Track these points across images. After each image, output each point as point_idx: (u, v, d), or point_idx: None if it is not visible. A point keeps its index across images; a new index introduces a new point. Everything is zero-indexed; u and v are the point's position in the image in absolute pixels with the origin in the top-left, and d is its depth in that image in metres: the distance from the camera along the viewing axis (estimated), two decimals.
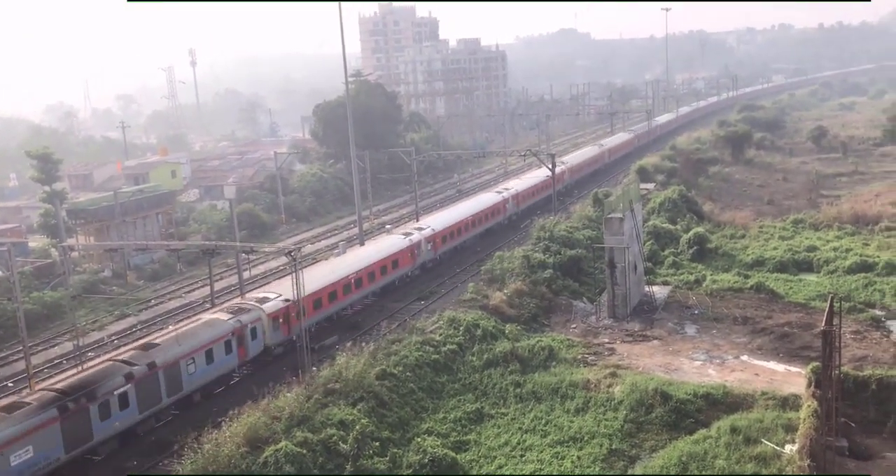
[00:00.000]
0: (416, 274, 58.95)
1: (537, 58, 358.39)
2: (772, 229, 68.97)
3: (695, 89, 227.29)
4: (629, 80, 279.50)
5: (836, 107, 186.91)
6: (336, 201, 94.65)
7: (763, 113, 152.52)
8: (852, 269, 55.15)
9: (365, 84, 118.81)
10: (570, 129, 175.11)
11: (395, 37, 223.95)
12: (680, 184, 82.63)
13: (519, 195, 77.04)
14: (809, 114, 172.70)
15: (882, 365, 38.53)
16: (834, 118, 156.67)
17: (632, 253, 50.49)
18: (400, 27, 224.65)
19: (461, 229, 65.85)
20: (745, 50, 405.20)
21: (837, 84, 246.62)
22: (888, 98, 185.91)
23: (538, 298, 51.73)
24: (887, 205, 72.40)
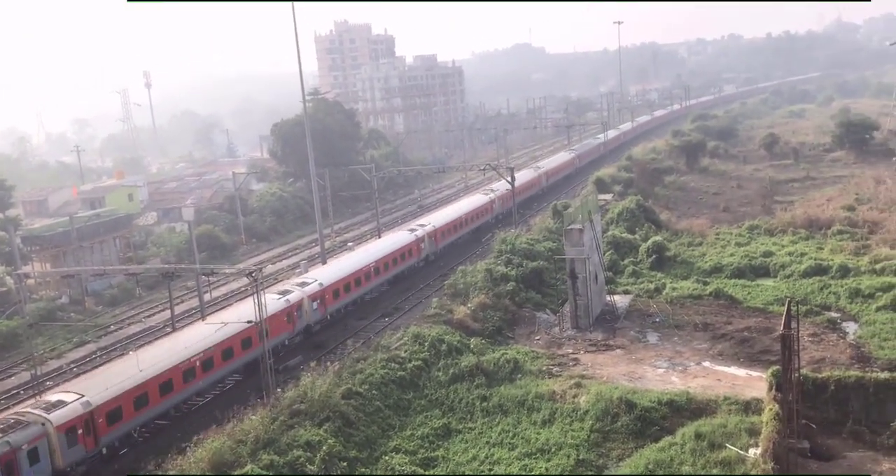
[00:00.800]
0: None
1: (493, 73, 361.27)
2: (728, 236, 69.93)
3: (648, 100, 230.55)
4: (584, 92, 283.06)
5: (786, 114, 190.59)
6: (297, 220, 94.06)
7: (716, 122, 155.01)
8: (807, 272, 56.12)
9: (323, 102, 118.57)
10: (529, 143, 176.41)
11: (351, 55, 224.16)
12: (637, 194, 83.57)
13: (438, 231, 68.74)
14: (761, 122, 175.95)
15: (839, 366, 39.23)
16: (785, 125, 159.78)
17: (592, 263, 50.86)
18: (356, 45, 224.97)
19: (359, 279, 56.02)
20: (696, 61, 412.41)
21: (787, 92, 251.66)
22: (836, 104, 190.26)
23: (502, 311, 51.81)
24: (839, 209, 73.81)
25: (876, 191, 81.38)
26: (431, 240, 67.21)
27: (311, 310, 49.49)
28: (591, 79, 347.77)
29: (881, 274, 53.89)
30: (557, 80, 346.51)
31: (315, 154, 72.36)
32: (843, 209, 73.38)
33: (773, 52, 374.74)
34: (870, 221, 68.40)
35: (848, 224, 68.45)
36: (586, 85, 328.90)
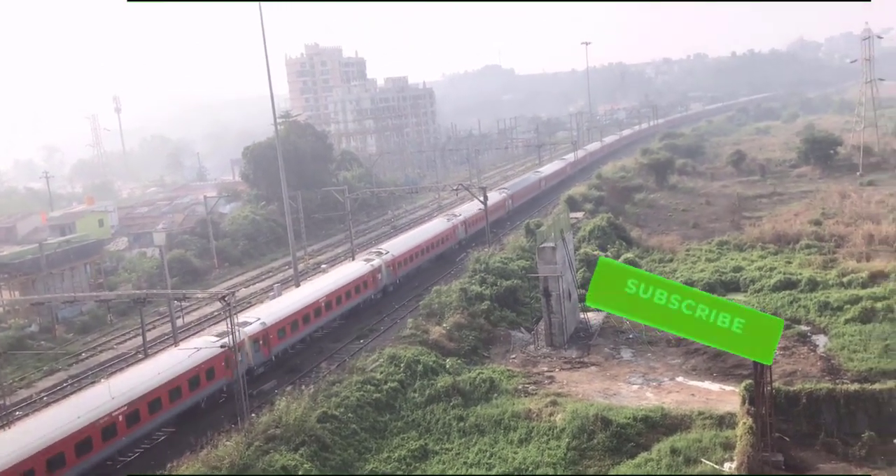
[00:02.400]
0: None
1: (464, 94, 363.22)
2: (698, 252, 70.57)
3: (617, 119, 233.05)
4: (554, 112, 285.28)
5: (752, 131, 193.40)
6: (270, 243, 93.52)
7: (684, 140, 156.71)
8: (777, 287, 56.72)
9: (295, 125, 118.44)
10: (500, 162, 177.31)
11: (322, 77, 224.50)
12: (608, 211, 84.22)
13: (396, 260, 65.37)
14: (728, 139, 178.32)
15: (810, 379, 39.63)
16: (751, 142, 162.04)
17: (565, 281, 51.04)
18: (327, 68, 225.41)
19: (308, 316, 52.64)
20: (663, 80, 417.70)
21: (752, 109, 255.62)
22: (800, 121, 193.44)
23: (477, 330, 51.76)
24: (806, 223, 74.82)
25: (841, 205, 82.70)
26: (390, 269, 63.81)
27: (254, 352, 45.41)
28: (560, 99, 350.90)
29: (848, 287, 54.62)
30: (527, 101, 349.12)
31: (287, 176, 72.11)
32: (810, 224, 74.42)
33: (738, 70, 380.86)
34: (836, 235, 69.43)
35: (815, 238, 69.44)
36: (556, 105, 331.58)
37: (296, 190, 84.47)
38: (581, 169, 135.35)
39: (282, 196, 70.46)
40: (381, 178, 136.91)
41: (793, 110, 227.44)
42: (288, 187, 70.57)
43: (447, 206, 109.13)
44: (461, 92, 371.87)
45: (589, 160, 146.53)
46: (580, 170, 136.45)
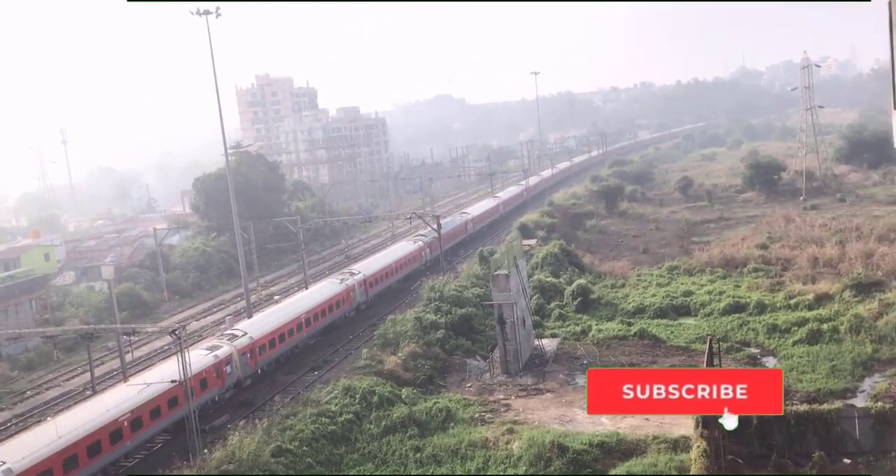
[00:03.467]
0: None
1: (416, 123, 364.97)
2: (649, 277, 71.54)
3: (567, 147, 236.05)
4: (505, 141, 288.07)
5: (698, 158, 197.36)
6: (221, 275, 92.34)
7: (632, 166, 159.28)
8: (727, 310, 57.69)
9: (245, 155, 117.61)
10: (453, 191, 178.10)
11: (273, 107, 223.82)
12: (560, 238, 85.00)
13: (368, 280, 68.04)
14: (675, 165, 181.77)
15: None
16: (698, 168, 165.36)
17: (520, 308, 51.27)
18: (278, 98, 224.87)
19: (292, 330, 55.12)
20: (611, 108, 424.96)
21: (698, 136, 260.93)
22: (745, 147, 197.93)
23: (433, 359, 51.60)
24: (753, 247, 76.30)
25: (786, 229, 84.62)
26: (363, 288, 66.69)
27: (243, 364, 48.53)
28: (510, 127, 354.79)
29: (795, 309, 55.84)
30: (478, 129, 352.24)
31: (239, 207, 71.51)
32: (757, 247, 75.97)
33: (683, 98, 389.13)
34: (782, 258, 70.99)
35: (762, 262, 70.91)
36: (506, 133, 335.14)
37: (247, 221, 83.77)
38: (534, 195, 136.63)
39: (233, 227, 69.78)
40: (335, 207, 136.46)
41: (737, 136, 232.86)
42: (239, 218, 69.93)
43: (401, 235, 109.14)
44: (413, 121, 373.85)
45: (543, 186, 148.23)
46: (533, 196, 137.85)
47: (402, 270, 76.33)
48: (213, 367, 45.64)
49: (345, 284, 64.28)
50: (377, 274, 70.49)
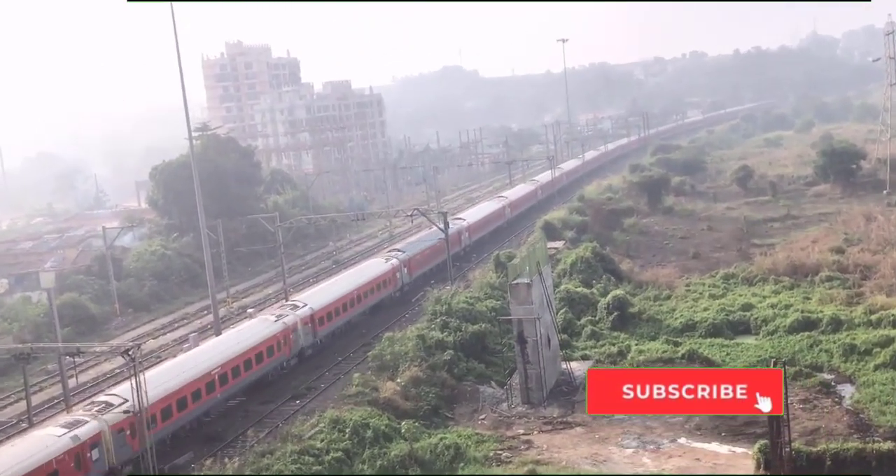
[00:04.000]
0: None
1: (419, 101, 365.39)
2: (700, 287, 71.39)
3: (601, 130, 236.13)
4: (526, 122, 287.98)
5: (760, 143, 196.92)
6: (184, 283, 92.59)
7: (680, 154, 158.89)
8: (794, 327, 57.50)
9: (213, 139, 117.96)
10: (463, 182, 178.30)
11: (247, 82, 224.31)
12: (592, 240, 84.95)
13: (317, 315, 63.05)
14: (732, 152, 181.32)
15: (836, 437, 40.11)
16: (759, 156, 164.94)
17: (544, 324, 51.24)
18: (253, 70, 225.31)
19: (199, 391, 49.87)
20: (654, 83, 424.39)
21: (760, 117, 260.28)
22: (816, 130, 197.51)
23: (438, 386, 51.60)
24: (826, 252, 75.96)
25: (867, 229, 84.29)
26: (307, 327, 60.85)
27: None
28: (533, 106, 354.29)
29: (878, 326, 55.56)
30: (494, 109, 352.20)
31: (205, 202, 71.64)
32: (831, 252, 75.68)
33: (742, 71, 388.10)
34: (862, 265, 70.64)
35: (837, 269, 70.62)
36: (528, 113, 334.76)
37: (215, 218, 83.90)
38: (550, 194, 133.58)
39: (198, 226, 69.91)
40: (320, 202, 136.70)
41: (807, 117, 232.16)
42: (206, 215, 70.03)
43: (400, 236, 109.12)
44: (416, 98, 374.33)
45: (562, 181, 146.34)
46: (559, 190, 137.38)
47: (367, 300, 70.21)
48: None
49: (282, 323, 58.02)
50: (330, 307, 64.06)
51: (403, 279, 76.86)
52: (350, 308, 67.21)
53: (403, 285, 76.82)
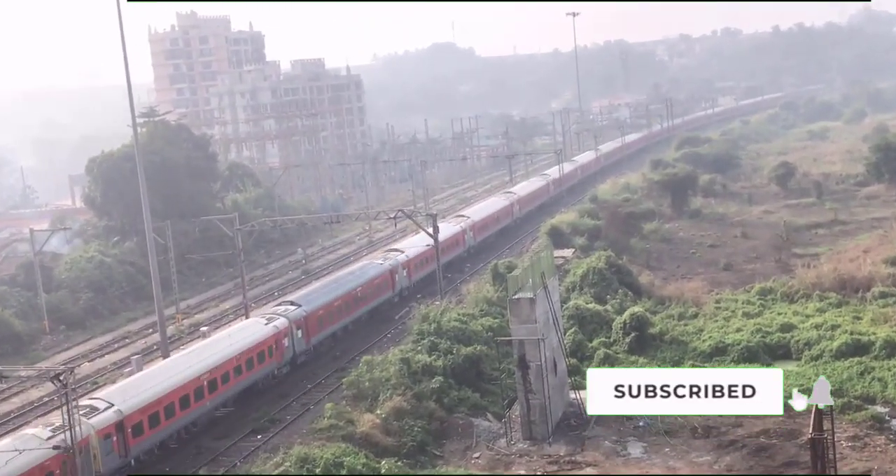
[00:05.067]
0: None
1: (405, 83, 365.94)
2: (733, 304, 71.41)
3: (617, 120, 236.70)
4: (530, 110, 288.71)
5: (803, 135, 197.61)
6: (126, 297, 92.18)
7: (710, 148, 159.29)
8: (842, 352, 57.48)
9: (162, 127, 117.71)
10: (456, 179, 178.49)
11: (202, 59, 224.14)
12: (607, 247, 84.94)
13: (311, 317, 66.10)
14: (770, 146, 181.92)
15: None
16: (802, 151, 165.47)
17: (549, 346, 51.21)
18: (209, 46, 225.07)
19: None
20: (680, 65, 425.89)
21: (803, 105, 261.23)
22: (868, 121, 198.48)
23: (425, 419, 51.47)
24: (880, 263, 76.10)
25: None
26: (301, 332, 63.73)
27: None
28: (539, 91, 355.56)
29: None
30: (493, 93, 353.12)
31: (152, 201, 71.47)
32: (886, 264, 75.79)
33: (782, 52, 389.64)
34: None
35: (893, 284, 70.77)
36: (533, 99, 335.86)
37: (164, 220, 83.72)
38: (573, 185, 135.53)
39: (143, 229, 69.67)
40: (288, 201, 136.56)
41: (858, 106, 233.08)
42: (153, 216, 69.82)
43: (381, 242, 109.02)
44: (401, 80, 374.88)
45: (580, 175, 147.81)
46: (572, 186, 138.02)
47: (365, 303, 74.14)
48: None
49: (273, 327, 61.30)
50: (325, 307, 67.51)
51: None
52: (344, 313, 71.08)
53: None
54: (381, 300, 77.62)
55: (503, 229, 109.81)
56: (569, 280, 75.32)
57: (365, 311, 74.68)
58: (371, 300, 75.62)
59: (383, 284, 78.15)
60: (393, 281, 79.76)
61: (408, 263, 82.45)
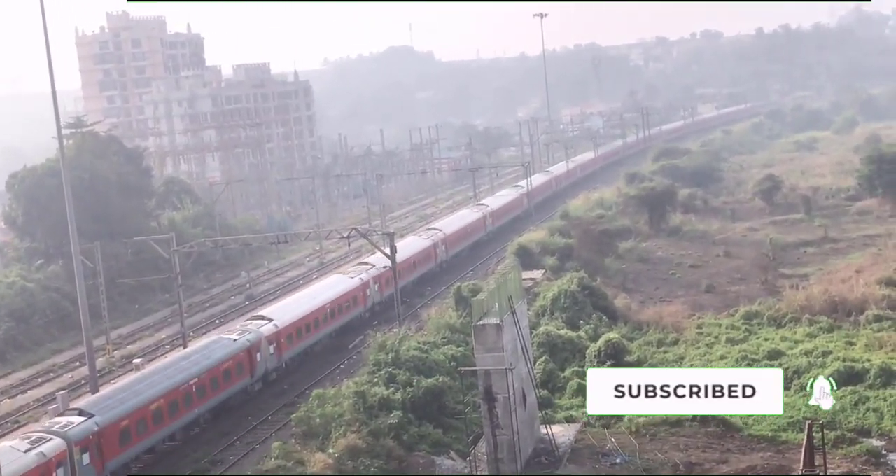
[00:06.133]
0: None
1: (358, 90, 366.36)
2: (716, 329, 71.68)
3: (589, 129, 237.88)
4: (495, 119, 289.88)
5: (790, 146, 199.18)
6: (51, 325, 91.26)
7: (689, 160, 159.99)
8: (834, 380, 57.79)
9: (91, 139, 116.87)
10: (415, 194, 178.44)
11: (135, 64, 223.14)
12: (579, 268, 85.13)
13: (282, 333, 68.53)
14: (755, 158, 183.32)
15: None
16: (789, 162, 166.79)
17: (518, 377, 51.15)
18: (143, 50, 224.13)
19: None
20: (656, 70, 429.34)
21: (790, 113, 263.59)
22: (860, 130, 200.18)
23: (383, 458, 51.23)
24: (874, 284, 76.59)
25: None
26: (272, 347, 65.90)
27: None
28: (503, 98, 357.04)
29: None
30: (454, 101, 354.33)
31: (79, 220, 70.85)
32: (880, 284, 76.26)
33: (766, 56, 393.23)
34: None
35: (888, 306, 71.29)
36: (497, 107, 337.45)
37: (92, 241, 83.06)
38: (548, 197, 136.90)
39: (69, 251, 69.07)
40: (230, 219, 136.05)
41: (849, 114, 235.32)
42: (80, 237, 69.22)
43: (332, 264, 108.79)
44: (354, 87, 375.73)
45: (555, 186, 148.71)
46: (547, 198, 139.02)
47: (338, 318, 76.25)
48: None
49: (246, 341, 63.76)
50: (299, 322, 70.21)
51: (374, 297, 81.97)
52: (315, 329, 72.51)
53: (376, 304, 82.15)
54: (352, 316, 78.78)
55: (475, 244, 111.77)
56: (538, 304, 75.40)
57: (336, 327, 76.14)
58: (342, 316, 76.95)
59: (354, 299, 79.40)
60: (364, 296, 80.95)
61: (379, 277, 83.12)
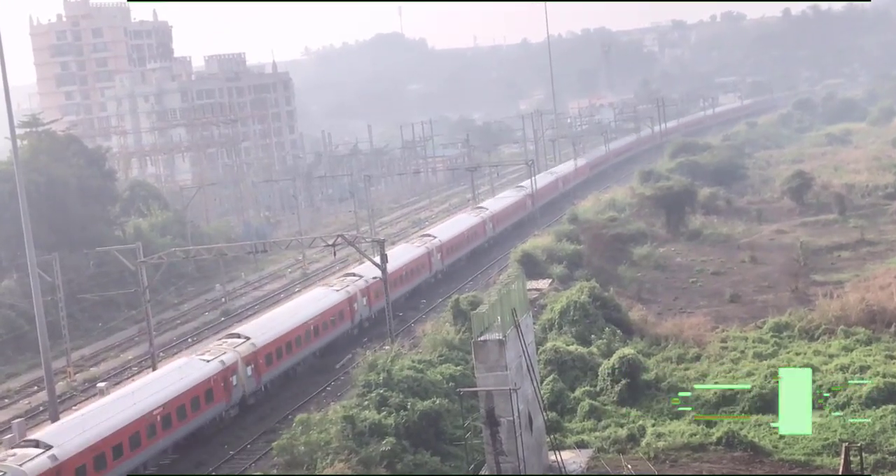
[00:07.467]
0: None
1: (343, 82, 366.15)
2: (742, 343, 71.53)
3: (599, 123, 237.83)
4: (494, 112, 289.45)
5: (821, 139, 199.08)
6: (5, 346, 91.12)
7: (710, 156, 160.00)
8: (874, 398, 57.72)
9: (47, 139, 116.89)
10: (408, 197, 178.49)
11: (96, 56, 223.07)
12: (590, 277, 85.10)
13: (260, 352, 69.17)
14: (782, 153, 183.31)
15: None
16: (821, 157, 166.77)
17: (523, 398, 51.16)
18: (104, 40, 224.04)
19: None
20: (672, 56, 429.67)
21: (821, 103, 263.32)
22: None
23: None
24: None
25: None
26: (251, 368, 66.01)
27: None
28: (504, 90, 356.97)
29: None
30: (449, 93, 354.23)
31: (36, 229, 70.85)
32: None
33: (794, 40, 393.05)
34: None
35: None
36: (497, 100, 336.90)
37: (51, 252, 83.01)
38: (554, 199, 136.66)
39: (25, 263, 69.03)
40: (203, 227, 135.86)
41: (886, 103, 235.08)
42: (38, 248, 69.19)
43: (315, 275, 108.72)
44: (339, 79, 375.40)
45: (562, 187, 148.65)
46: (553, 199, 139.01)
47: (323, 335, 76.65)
48: None
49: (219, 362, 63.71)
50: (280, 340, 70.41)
51: (362, 312, 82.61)
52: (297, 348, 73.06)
53: (365, 319, 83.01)
54: (339, 332, 78.95)
55: (474, 251, 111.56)
56: (545, 317, 75.36)
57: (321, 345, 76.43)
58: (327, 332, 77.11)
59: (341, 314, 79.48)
60: (352, 310, 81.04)
61: (368, 290, 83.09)
